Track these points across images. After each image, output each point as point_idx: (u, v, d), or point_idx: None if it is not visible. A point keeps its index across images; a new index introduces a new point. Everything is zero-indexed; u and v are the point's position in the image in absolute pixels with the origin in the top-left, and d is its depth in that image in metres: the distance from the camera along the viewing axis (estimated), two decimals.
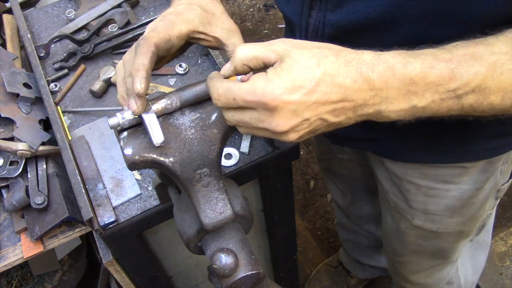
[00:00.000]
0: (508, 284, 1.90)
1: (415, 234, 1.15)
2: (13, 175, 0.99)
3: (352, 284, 1.91)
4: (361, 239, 1.70)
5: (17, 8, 1.25)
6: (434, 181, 1.00)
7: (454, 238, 1.15)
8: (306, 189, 2.28)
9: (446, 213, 1.05)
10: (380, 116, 0.60)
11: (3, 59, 1.16)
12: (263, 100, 0.56)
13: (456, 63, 0.57)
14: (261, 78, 0.57)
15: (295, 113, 0.57)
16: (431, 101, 0.58)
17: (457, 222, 1.08)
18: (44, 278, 1.43)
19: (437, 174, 0.98)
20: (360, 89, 0.57)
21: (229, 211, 0.70)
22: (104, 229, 0.90)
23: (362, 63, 0.57)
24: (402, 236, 1.19)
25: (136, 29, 1.18)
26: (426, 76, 0.57)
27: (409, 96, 0.58)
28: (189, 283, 1.31)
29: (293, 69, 0.56)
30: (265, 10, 3.07)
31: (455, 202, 1.02)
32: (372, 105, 0.58)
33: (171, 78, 1.13)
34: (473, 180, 0.98)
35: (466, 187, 0.99)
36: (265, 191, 1.12)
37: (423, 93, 0.57)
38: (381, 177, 1.12)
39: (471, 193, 1.01)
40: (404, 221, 1.14)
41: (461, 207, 1.04)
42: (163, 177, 0.81)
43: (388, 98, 0.58)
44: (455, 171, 0.97)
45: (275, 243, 1.30)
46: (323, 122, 0.59)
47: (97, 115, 1.08)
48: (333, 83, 0.56)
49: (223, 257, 0.66)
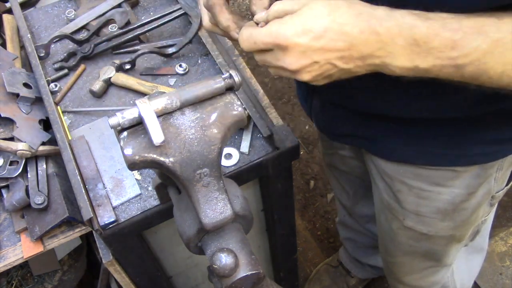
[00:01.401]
0: (508, 284, 1.90)
1: (406, 235, 1.14)
2: (13, 175, 0.99)
3: (352, 284, 1.91)
4: (362, 238, 1.70)
5: (17, 8, 1.25)
6: (426, 183, 0.99)
7: (445, 242, 1.14)
8: (306, 189, 2.28)
9: (437, 216, 1.05)
10: (387, 69, 0.63)
11: (3, 59, 1.16)
12: (276, 41, 0.63)
13: (462, 34, 0.59)
14: (277, 21, 0.64)
15: (304, 54, 0.63)
16: (432, 65, 0.61)
17: (448, 226, 1.08)
18: (44, 278, 1.43)
19: (429, 176, 0.98)
20: (367, 40, 0.61)
21: (229, 211, 0.70)
22: (104, 229, 0.90)
23: (373, 16, 0.61)
24: (394, 237, 1.18)
25: (136, 29, 1.18)
26: (429, 40, 0.59)
27: (412, 56, 0.61)
28: (189, 283, 1.31)
29: (306, 15, 0.62)
30: None
31: (447, 205, 1.02)
32: (378, 57, 0.62)
33: (171, 78, 1.13)
34: (465, 185, 0.98)
35: (458, 191, 0.99)
36: (265, 191, 1.12)
37: (425, 56, 0.60)
38: (375, 175, 1.12)
39: (463, 198, 1.00)
40: (396, 221, 1.13)
41: (453, 211, 1.03)
42: (163, 177, 0.81)
43: (393, 53, 0.61)
44: (447, 174, 0.96)
45: (275, 243, 1.30)
46: (333, 67, 0.64)
47: (97, 115, 1.08)
48: (340, 31, 0.61)
49: (223, 257, 0.66)
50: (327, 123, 1.05)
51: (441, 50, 0.60)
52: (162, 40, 1.20)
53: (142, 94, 1.10)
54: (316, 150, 2.37)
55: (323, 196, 2.24)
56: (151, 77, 1.14)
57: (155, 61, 1.17)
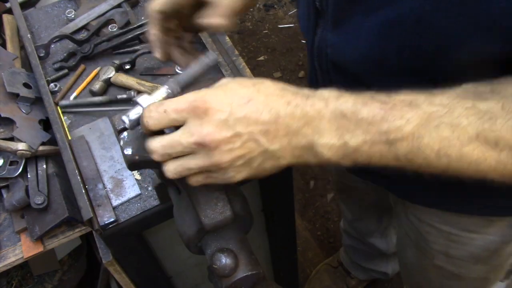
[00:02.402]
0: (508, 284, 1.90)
1: (437, 272, 1.08)
2: (13, 175, 0.99)
3: (352, 284, 1.91)
4: (364, 247, 1.70)
5: (17, 8, 1.25)
6: (457, 228, 0.93)
7: (479, 284, 1.08)
8: (306, 189, 2.28)
9: (470, 260, 0.98)
10: (313, 151, 0.57)
11: (3, 59, 1.16)
12: (193, 104, 0.56)
13: (391, 106, 0.54)
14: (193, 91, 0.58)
15: (226, 123, 0.55)
16: (363, 141, 0.55)
17: (482, 270, 1.01)
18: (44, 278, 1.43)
19: (460, 222, 0.91)
20: (293, 114, 0.56)
21: (229, 211, 0.70)
22: (104, 229, 0.90)
23: (299, 92, 0.57)
24: (424, 272, 1.13)
25: (136, 29, 1.18)
26: (357, 111, 0.55)
27: (340, 131, 0.56)
28: (189, 283, 1.31)
29: (228, 85, 0.57)
30: (265, 10, 3.07)
31: (480, 251, 0.95)
32: (305, 135, 0.56)
33: (171, 78, 1.13)
34: (500, 233, 0.91)
35: (493, 238, 0.92)
36: (265, 191, 1.12)
37: (354, 130, 0.55)
38: (399, 212, 1.07)
39: (498, 245, 0.94)
40: (425, 258, 1.07)
41: (487, 257, 0.97)
42: (163, 177, 0.81)
43: (320, 129, 0.56)
44: (480, 222, 0.89)
45: (275, 243, 1.30)
46: (257, 146, 0.57)
47: (97, 115, 1.08)
48: (265, 102, 0.56)
49: (223, 257, 0.66)
50: None
51: (370, 122, 0.54)
52: None
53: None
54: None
55: (323, 196, 2.24)
56: (151, 77, 1.14)
57: (155, 61, 1.17)
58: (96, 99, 1.09)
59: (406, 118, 0.53)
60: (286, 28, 2.93)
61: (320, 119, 0.56)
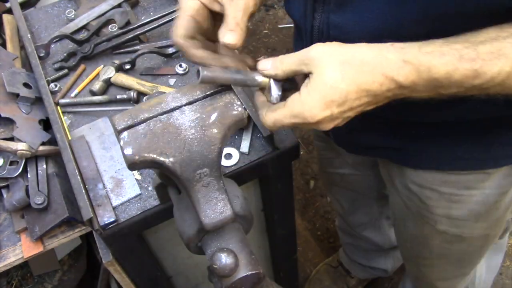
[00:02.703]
0: (508, 284, 1.90)
1: (439, 238, 1.12)
2: (13, 175, 0.99)
3: (352, 284, 1.91)
4: (361, 243, 1.71)
5: (17, 8, 1.25)
6: (456, 187, 0.98)
7: (480, 243, 1.12)
8: (306, 189, 2.28)
9: (470, 218, 1.03)
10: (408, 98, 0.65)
11: (3, 59, 1.16)
12: (305, 122, 0.65)
13: (481, 62, 0.59)
14: (296, 100, 0.64)
15: (336, 118, 0.65)
16: (457, 91, 0.62)
17: (483, 227, 1.06)
18: (44, 278, 1.43)
19: (459, 181, 0.97)
20: (388, 90, 0.62)
21: (229, 211, 0.70)
22: (104, 229, 0.90)
23: (386, 66, 0.61)
24: (426, 241, 1.16)
25: (136, 29, 1.18)
26: (450, 76, 0.60)
27: (435, 90, 0.62)
28: (189, 283, 1.31)
29: (322, 86, 0.62)
30: (265, 10, 3.07)
31: (479, 207, 1.00)
32: (401, 94, 0.64)
33: (171, 78, 1.13)
34: (497, 185, 0.97)
35: (490, 192, 0.97)
36: (265, 191, 1.12)
37: (448, 88, 0.61)
38: (398, 185, 1.09)
39: (496, 198, 0.99)
40: (427, 226, 1.10)
41: (486, 212, 1.02)
42: (163, 177, 0.81)
43: (416, 91, 0.63)
44: (477, 177, 0.95)
45: (275, 243, 1.30)
46: (362, 109, 0.66)
47: (97, 115, 1.08)
48: (360, 90, 0.62)
49: (223, 257, 0.66)
50: (348, 136, 1.03)
51: (463, 81, 0.60)
52: (162, 40, 1.20)
53: (142, 94, 1.10)
54: (316, 150, 2.37)
55: (323, 196, 2.24)
56: (151, 77, 1.14)
57: (155, 61, 1.17)
58: (96, 98, 1.09)
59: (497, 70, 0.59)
60: (286, 28, 2.93)
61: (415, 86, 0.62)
